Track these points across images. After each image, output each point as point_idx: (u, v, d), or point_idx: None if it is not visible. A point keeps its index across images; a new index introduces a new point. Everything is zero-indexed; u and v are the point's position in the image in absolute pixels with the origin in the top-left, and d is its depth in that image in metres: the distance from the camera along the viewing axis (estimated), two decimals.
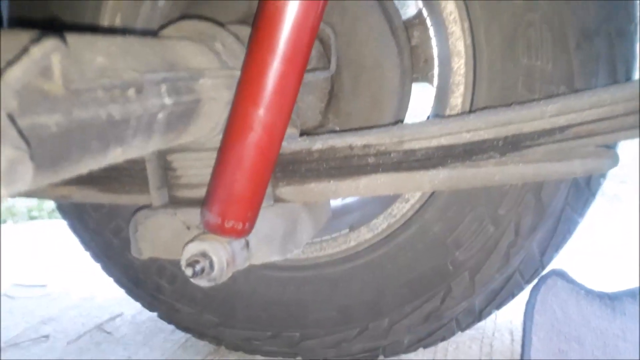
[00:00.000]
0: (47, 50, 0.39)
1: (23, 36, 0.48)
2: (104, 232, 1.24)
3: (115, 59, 0.59)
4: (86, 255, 1.31)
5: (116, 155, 0.62)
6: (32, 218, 3.00)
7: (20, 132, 0.36)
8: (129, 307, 1.56)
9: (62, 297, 1.74)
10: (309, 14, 0.67)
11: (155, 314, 1.33)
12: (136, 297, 1.32)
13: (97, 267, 1.32)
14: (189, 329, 1.31)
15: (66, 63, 0.46)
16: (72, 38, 0.52)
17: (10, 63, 0.36)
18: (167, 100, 0.65)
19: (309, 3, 0.66)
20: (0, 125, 0.33)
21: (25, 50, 0.38)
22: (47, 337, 1.45)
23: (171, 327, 1.36)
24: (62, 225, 2.63)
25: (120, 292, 1.34)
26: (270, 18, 0.66)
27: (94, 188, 1.00)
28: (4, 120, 0.34)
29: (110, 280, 1.33)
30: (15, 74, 0.36)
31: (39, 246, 2.29)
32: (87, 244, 1.29)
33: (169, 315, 1.30)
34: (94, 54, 0.56)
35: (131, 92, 0.58)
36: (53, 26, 1.12)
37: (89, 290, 1.76)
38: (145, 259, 1.21)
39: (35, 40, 0.39)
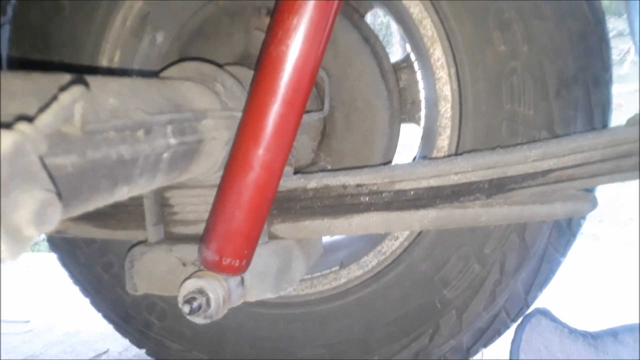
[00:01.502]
0: (75, 97, 0.42)
1: (44, 79, 0.51)
2: (94, 267, 1.24)
3: (125, 100, 0.62)
4: (70, 290, 1.31)
5: (122, 194, 0.64)
6: None
7: (50, 175, 0.38)
8: (115, 344, 1.55)
9: (45, 332, 1.71)
10: (309, 59, 0.71)
11: (142, 350, 1.32)
12: (125, 333, 1.31)
13: (82, 302, 1.31)
14: None
15: (85, 108, 0.49)
16: (89, 80, 0.55)
17: (42, 109, 0.39)
18: (172, 141, 0.68)
19: (310, 49, 0.70)
20: (33, 169, 0.36)
21: (54, 98, 0.41)
22: None
23: None
24: (45, 259, 2.60)
25: (106, 328, 1.33)
26: (273, 62, 0.70)
27: (90, 223, 1.01)
28: (37, 163, 0.37)
29: (96, 315, 1.32)
30: (46, 119, 0.38)
31: (22, 280, 2.26)
32: (76, 278, 1.29)
33: (157, 352, 1.29)
34: (106, 95, 0.59)
35: (140, 133, 0.61)
36: (52, 67, 1.15)
37: (73, 325, 1.74)
38: (135, 295, 1.22)
39: (64, 88, 0.42)
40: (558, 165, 0.79)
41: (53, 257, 1.34)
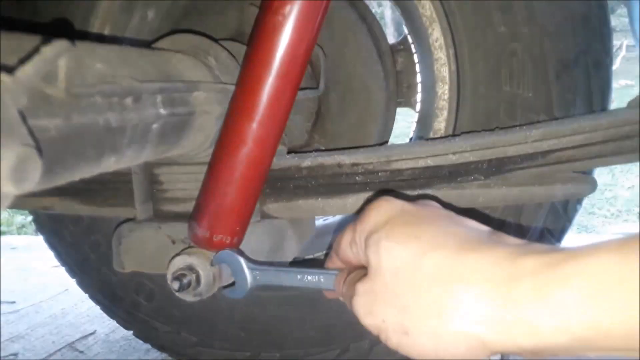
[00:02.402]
0: (59, 51, 0.40)
1: (26, 39, 0.48)
2: (81, 246, 1.22)
3: (114, 66, 0.59)
4: (57, 272, 1.28)
5: (109, 164, 0.61)
6: (1, 233, 2.92)
7: (30, 130, 0.36)
8: (102, 326, 1.53)
9: (31, 314, 1.68)
10: (306, 30, 0.68)
11: (129, 333, 1.30)
12: (112, 314, 1.29)
13: (68, 284, 1.28)
14: (166, 348, 1.28)
15: (70, 67, 0.46)
16: (77, 44, 0.52)
17: (23, 61, 0.36)
18: (162, 111, 0.66)
19: (307, 19, 0.68)
20: (12, 121, 0.33)
21: (36, 50, 0.38)
22: (15, 355, 1.40)
23: (146, 346, 1.33)
24: (31, 241, 2.57)
25: (93, 310, 1.31)
26: (268, 34, 0.68)
27: (76, 199, 0.98)
28: (15, 116, 0.34)
29: (82, 297, 1.30)
30: (27, 72, 0.36)
31: (8, 262, 2.22)
32: (63, 258, 1.27)
33: (145, 333, 1.27)
34: (94, 60, 0.57)
35: (129, 100, 0.59)
36: (40, 29, 1.12)
37: (59, 307, 1.71)
38: (123, 275, 1.19)
39: (46, 41, 0.40)
40: (558, 146, 0.78)
41: (39, 239, 1.32)
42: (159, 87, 0.64)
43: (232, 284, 0.75)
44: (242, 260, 0.72)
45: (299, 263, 0.76)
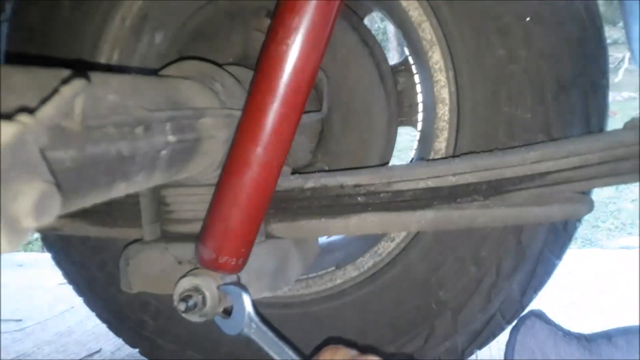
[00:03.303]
0: (77, 91, 0.42)
1: (44, 74, 0.51)
2: (89, 265, 1.24)
3: (125, 96, 0.62)
4: (63, 290, 1.30)
5: (120, 190, 0.64)
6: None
7: (50, 167, 0.38)
8: (108, 344, 1.54)
9: (37, 332, 1.70)
10: (310, 59, 0.71)
11: (135, 351, 1.31)
12: (118, 332, 1.30)
13: (75, 302, 1.30)
14: None
15: (85, 102, 0.49)
16: (90, 76, 0.54)
17: (43, 102, 0.39)
18: (171, 138, 0.68)
19: (311, 49, 0.70)
20: (33, 160, 0.35)
21: (55, 91, 0.41)
22: None
23: None
24: (38, 259, 2.59)
25: (99, 328, 1.32)
26: (273, 61, 0.70)
27: (85, 221, 1.00)
28: (37, 156, 0.36)
29: (88, 315, 1.31)
30: (48, 112, 0.38)
31: (14, 279, 2.24)
32: (70, 277, 1.28)
33: (151, 352, 1.28)
34: (106, 92, 0.59)
35: (139, 129, 0.61)
36: (51, 63, 1.15)
37: (65, 325, 1.72)
38: (130, 294, 1.21)
39: (65, 81, 0.42)
40: (556, 167, 0.80)
41: (45, 256, 1.33)
42: (168, 115, 0.67)
43: (227, 312, 0.79)
44: (246, 302, 0.77)
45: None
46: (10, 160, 0.33)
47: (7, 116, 0.35)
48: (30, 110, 0.37)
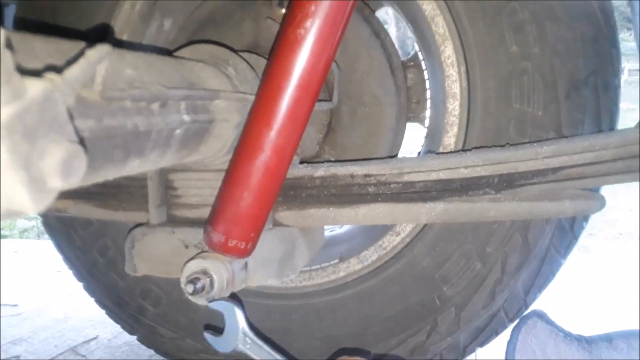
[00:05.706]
0: (102, 55, 0.41)
1: (64, 43, 0.50)
2: (90, 250, 1.22)
3: (142, 72, 0.61)
4: (59, 278, 1.28)
5: (133, 167, 0.63)
6: (3, 237, 2.92)
7: (75, 128, 0.37)
8: (105, 330, 1.53)
9: (34, 317, 1.68)
10: (326, 43, 0.70)
11: (132, 338, 1.30)
12: (117, 319, 1.29)
13: (71, 289, 1.28)
14: (169, 354, 1.28)
15: (107, 71, 0.48)
16: None
17: (69, 63, 0.38)
18: (186, 117, 0.67)
19: (328, 33, 0.70)
20: (61, 119, 0.35)
21: (82, 53, 0.40)
22: (17, 357, 1.40)
23: (149, 352, 1.33)
24: (34, 246, 2.57)
25: (96, 314, 1.31)
26: (290, 45, 0.70)
27: (90, 203, 0.99)
28: (65, 115, 0.36)
29: (85, 303, 1.30)
30: (74, 73, 0.37)
31: (10, 265, 2.23)
32: (71, 261, 1.27)
33: (149, 339, 1.27)
34: (124, 66, 0.59)
35: (156, 105, 0.60)
36: (60, 32, 1.14)
37: (62, 311, 1.71)
38: (130, 280, 1.20)
39: (90, 45, 0.41)
40: (569, 162, 0.79)
41: (42, 244, 1.32)
42: (184, 94, 0.66)
43: (219, 330, 0.79)
44: (239, 317, 0.76)
45: None
46: (38, 116, 0.33)
47: (36, 74, 0.34)
48: (57, 70, 0.37)
